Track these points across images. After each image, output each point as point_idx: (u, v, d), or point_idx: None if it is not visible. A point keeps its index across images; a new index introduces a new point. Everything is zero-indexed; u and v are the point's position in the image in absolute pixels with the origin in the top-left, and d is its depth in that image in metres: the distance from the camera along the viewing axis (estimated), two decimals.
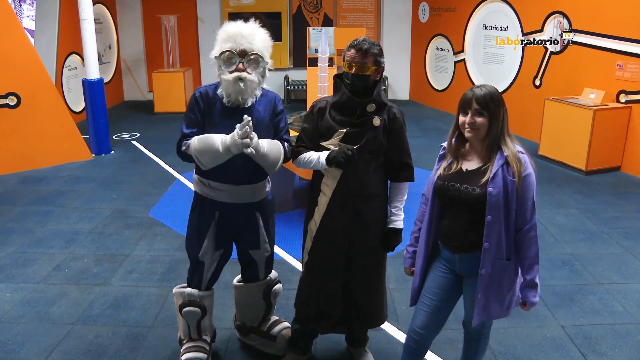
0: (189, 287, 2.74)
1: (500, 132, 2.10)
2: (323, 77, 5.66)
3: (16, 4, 8.10)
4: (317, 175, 2.58)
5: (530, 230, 2.12)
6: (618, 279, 3.83)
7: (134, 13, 10.81)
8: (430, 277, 2.33)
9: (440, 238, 2.27)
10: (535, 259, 2.14)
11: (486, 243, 2.10)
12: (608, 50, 6.37)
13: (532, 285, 2.17)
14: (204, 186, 2.61)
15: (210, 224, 2.63)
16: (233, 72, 2.44)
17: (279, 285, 2.95)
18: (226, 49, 2.44)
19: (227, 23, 2.53)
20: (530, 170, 2.09)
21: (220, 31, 2.51)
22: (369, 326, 2.78)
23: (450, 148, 2.23)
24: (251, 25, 2.50)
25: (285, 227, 4.70)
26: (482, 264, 2.13)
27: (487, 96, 2.08)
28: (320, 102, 2.57)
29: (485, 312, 2.21)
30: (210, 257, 2.68)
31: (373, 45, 2.40)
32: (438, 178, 2.22)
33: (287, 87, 10.74)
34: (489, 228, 2.09)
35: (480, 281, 2.15)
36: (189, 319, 2.72)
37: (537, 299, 2.18)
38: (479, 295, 2.17)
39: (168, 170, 6.43)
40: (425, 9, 10.34)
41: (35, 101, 6.33)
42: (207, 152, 2.42)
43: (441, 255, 2.30)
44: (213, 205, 2.62)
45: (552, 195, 5.52)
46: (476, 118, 2.09)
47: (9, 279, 3.83)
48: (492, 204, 2.07)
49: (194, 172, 2.68)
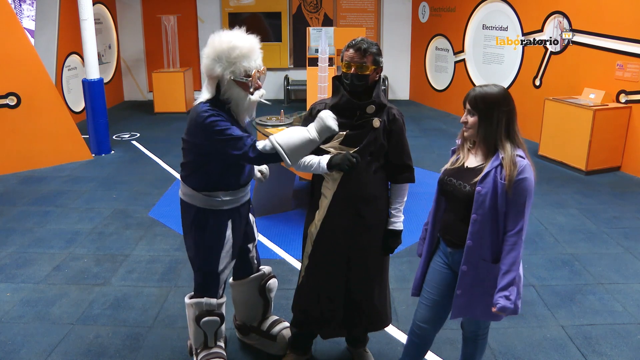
0: (205, 297, 2.64)
1: (496, 133, 2.08)
2: (323, 77, 5.66)
3: (16, 4, 8.11)
4: (318, 178, 2.56)
5: (512, 236, 2.06)
6: (618, 279, 3.83)
7: (134, 13, 10.81)
8: (430, 271, 2.36)
9: (440, 230, 2.31)
10: (510, 266, 2.05)
11: (469, 241, 2.11)
12: (608, 50, 6.37)
13: (504, 289, 2.07)
14: (210, 199, 2.50)
15: (225, 235, 2.56)
16: (254, 91, 2.40)
17: (273, 280, 2.94)
18: (253, 69, 2.35)
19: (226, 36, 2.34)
20: (526, 175, 2.03)
21: (226, 48, 2.31)
22: (372, 329, 2.77)
23: (460, 144, 2.26)
24: (253, 37, 2.40)
25: (285, 227, 4.70)
26: (463, 260, 2.14)
27: (478, 97, 2.08)
28: (319, 105, 2.56)
29: (468, 311, 2.20)
30: (229, 267, 2.66)
31: (371, 45, 2.39)
32: (442, 172, 2.27)
33: (287, 87, 10.74)
34: (473, 226, 2.09)
35: (461, 277, 2.16)
36: (208, 328, 2.65)
37: (508, 304, 2.06)
38: (458, 291, 2.17)
39: (168, 170, 6.43)
40: (425, 9, 10.34)
41: (35, 101, 6.32)
42: (301, 143, 2.28)
43: (440, 248, 2.33)
44: (225, 216, 2.55)
45: (552, 195, 5.52)
46: (468, 117, 2.12)
47: (9, 279, 3.83)
48: (478, 203, 2.07)
49: (190, 188, 2.51)
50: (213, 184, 2.49)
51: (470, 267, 2.14)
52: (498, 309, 2.07)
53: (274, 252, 4.24)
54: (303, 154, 2.33)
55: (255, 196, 4.72)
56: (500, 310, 2.07)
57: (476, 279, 2.15)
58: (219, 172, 2.47)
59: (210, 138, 2.31)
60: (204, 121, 2.30)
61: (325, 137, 2.31)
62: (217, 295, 2.65)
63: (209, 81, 2.41)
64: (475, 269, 2.14)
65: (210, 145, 2.34)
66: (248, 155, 2.29)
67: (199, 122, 2.32)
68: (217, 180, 2.49)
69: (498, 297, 2.08)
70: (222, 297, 2.68)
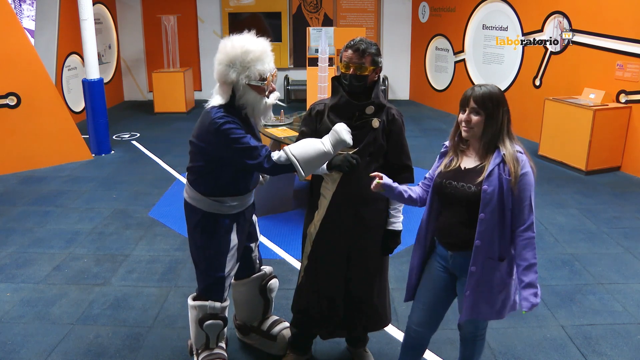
0: (210, 301, 2.62)
1: (498, 132, 2.09)
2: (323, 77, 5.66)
3: (16, 4, 8.11)
4: (317, 179, 2.56)
5: (526, 231, 2.09)
6: (618, 279, 3.83)
7: (134, 13, 10.81)
8: (426, 274, 2.35)
9: (437, 234, 2.29)
10: (532, 260, 2.09)
11: (477, 241, 2.10)
12: (608, 50, 6.37)
13: (531, 286, 2.12)
14: (218, 204, 2.49)
15: (230, 239, 2.56)
16: (269, 94, 2.40)
17: (274, 280, 2.94)
18: (267, 72, 2.34)
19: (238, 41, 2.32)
20: (527, 169, 2.07)
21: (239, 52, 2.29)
22: (372, 329, 2.77)
23: (451, 146, 2.24)
24: (264, 40, 2.40)
25: (285, 227, 4.70)
26: (472, 261, 2.13)
27: (485, 95, 2.08)
28: (318, 105, 2.55)
29: (474, 311, 2.20)
30: (234, 270, 2.66)
31: (370, 45, 2.39)
32: (437, 175, 2.24)
33: (287, 87, 10.74)
34: (481, 226, 2.09)
35: (470, 278, 2.15)
36: (210, 331, 2.64)
37: (538, 299, 2.11)
38: (467, 292, 2.17)
39: (168, 170, 6.43)
40: (425, 9, 10.34)
41: (35, 101, 6.33)
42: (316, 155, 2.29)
43: (437, 252, 2.31)
44: (230, 220, 2.55)
45: (552, 195, 5.52)
46: (472, 116, 2.10)
47: (9, 279, 3.84)
48: (486, 202, 2.07)
49: (198, 192, 2.50)
50: (222, 190, 2.47)
51: (479, 267, 2.13)
52: (528, 308, 2.08)
53: (274, 252, 4.24)
54: (317, 166, 2.33)
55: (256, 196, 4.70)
56: (529, 309, 2.08)
57: (483, 278, 2.15)
58: (229, 177, 2.45)
59: (225, 145, 2.29)
60: (219, 127, 2.27)
61: (340, 149, 2.31)
62: (222, 299, 2.64)
63: (222, 87, 2.37)
64: (483, 268, 2.13)
65: (223, 151, 2.33)
66: (263, 166, 2.30)
67: (213, 128, 2.29)
68: (226, 185, 2.47)
69: (528, 295, 2.08)
70: (226, 300, 2.67)
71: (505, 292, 2.19)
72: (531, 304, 2.09)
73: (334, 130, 2.28)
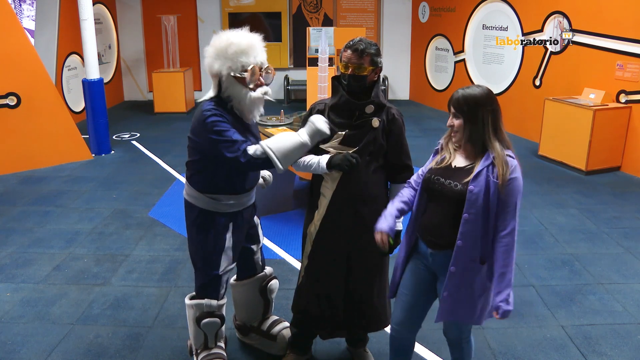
0: (206, 299, 2.63)
1: (483, 134, 2.06)
2: (323, 77, 5.67)
3: (16, 4, 8.11)
4: (317, 178, 2.56)
5: (506, 236, 2.04)
6: (618, 279, 3.83)
7: (134, 13, 10.81)
8: (407, 272, 2.33)
9: (419, 231, 2.26)
10: (506, 268, 2.04)
11: (459, 241, 2.08)
12: (608, 50, 6.37)
13: (505, 292, 2.05)
14: (214, 202, 2.50)
15: (226, 237, 2.56)
16: (256, 88, 2.39)
17: (274, 281, 2.94)
18: (251, 64, 2.33)
19: (226, 35, 2.36)
20: (516, 174, 2.04)
21: (224, 45, 2.33)
22: (372, 329, 2.76)
23: (444, 143, 2.23)
24: (254, 35, 2.41)
25: (285, 227, 4.70)
26: (452, 261, 2.10)
27: (461, 99, 2.06)
28: (318, 105, 2.56)
29: (452, 313, 2.17)
30: (229, 269, 2.66)
31: (369, 46, 2.39)
32: (428, 171, 2.23)
33: (287, 87, 10.74)
34: (464, 226, 2.06)
35: (449, 279, 2.12)
36: (208, 329, 2.65)
37: (510, 307, 2.03)
38: (445, 293, 2.14)
39: (168, 170, 6.43)
40: (425, 9, 10.34)
41: (35, 101, 6.33)
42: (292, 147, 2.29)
43: (418, 249, 2.29)
44: (226, 218, 2.55)
45: (552, 195, 5.52)
46: (454, 120, 2.09)
47: (9, 279, 3.84)
48: (471, 202, 2.04)
49: (194, 189, 2.52)
50: (218, 187, 2.49)
51: (459, 268, 2.10)
52: (501, 314, 2.03)
53: (274, 252, 4.24)
54: (294, 158, 2.34)
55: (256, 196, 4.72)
56: (503, 316, 2.03)
57: (464, 280, 2.12)
58: (223, 175, 2.46)
59: (208, 136, 2.31)
60: (206, 120, 2.31)
61: (317, 140, 2.33)
62: (218, 297, 2.64)
63: (212, 80, 2.43)
64: (463, 270, 2.10)
65: (207, 144, 2.34)
66: (239, 160, 2.28)
67: (201, 120, 2.34)
68: (222, 183, 2.48)
69: (499, 302, 2.04)
70: (222, 298, 2.68)
71: (485, 296, 2.16)
72: (504, 311, 2.04)
73: (309, 121, 2.30)
